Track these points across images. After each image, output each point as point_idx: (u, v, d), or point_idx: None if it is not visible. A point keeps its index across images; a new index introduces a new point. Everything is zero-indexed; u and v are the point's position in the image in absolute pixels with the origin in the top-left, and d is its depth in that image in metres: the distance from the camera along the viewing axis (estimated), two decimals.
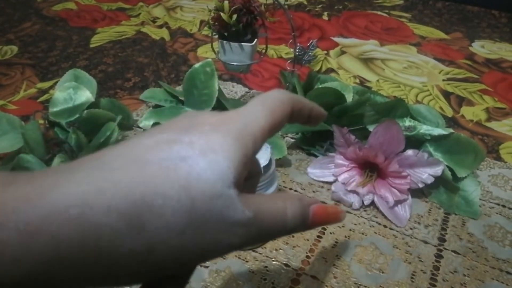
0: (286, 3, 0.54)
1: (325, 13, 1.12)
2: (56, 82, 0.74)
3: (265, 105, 0.20)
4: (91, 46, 0.91)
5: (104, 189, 0.14)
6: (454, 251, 0.46)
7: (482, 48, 0.95)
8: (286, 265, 0.44)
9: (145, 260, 0.15)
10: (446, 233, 0.48)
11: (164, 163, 0.16)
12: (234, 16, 0.51)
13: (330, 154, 0.55)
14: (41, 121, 0.56)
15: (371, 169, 0.51)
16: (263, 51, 0.59)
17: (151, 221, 0.15)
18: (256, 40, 0.55)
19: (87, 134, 0.50)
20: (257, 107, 0.19)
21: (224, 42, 0.54)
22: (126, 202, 0.14)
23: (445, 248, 0.46)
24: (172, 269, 0.16)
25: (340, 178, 0.52)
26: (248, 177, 0.23)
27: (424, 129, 0.53)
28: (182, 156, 0.16)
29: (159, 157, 0.16)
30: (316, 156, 0.58)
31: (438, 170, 0.48)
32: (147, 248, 0.15)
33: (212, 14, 0.54)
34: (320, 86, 0.62)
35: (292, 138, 0.62)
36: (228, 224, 0.16)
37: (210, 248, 0.16)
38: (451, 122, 0.69)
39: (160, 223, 0.15)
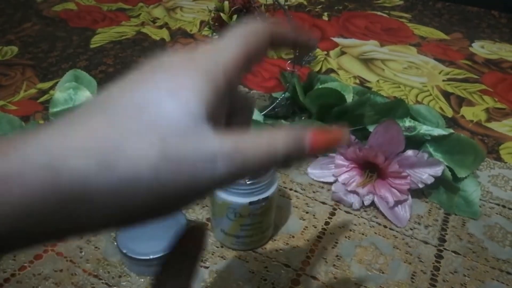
0: (286, 3, 0.54)
1: (325, 14, 1.12)
2: (56, 82, 0.74)
3: (236, 36, 0.19)
4: (91, 46, 0.91)
5: (71, 134, 0.15)
6: (454, 252, 0.46)
7: (482, 48, 0.95)
8: (286, 265, 0.44)
9: (120, 198, 0.15)
10: (446, 234, 0.48)
11: (130, 108, 0.16)
12: (234, 17, 0.51)
13: (330, 154, 0.55)
14: (41, 122, 0.56)
15: (371, 169, 0.51)
16: None
17: (121, 160, 0.15)
18: None
19: None
20: (227, 39, 0.19)
21: None
22: (94, 143, 0.15)
23: (445, 249, 0.46)
24: (155, 209, 0.16)
25: (340, 179, 0.52)
26: (235, 112, 0.22)
27: (424, 129, 0.53)
28: (149, 99, 0.16)
29: (125, 102, 0.16)
30: (316, 157, 0.58)
31: (438, 171, 0.48)
32: (120, 186, 0.15)
33: (212, 15, 0.54)
34: (320, 87, 0.62)
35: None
36: (206, 156, 0.16)
37: (190, 182, 0.16)
38: (451, 122, 0.69)
39: (130, 160, 0.15)
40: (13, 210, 0.14)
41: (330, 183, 0.53)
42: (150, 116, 0.15)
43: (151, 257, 0.40)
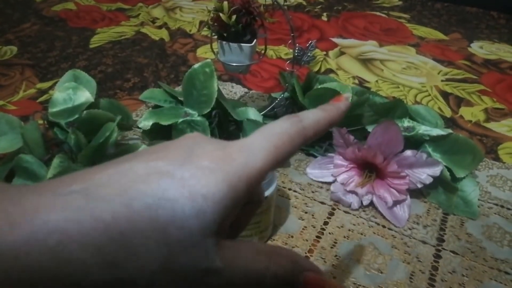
0: (285, 4, 0.54)
1: (324, 14, 1.12)
2: (56, 82, 0.74)
3: (270, 140, 0.18)
4: (91, 46, 0.91)
5: (84, 221, 0.14)
6: (453, 251, 0.46)
7: (481, 48, 0.95)
8: None
9: None
10: (445, 233, 0.48)
11: (148, 201, 0.15)
12: (234, 17, 0.51)
13: (329, 154, 0.55)
14: (41, 122, 0.56)
15: (370, 169, 0.51)
16: (262, 51, 0.59)
17: (125, 260, 0.15)
18: (255, 40, 0.55)
19: (86, 135, 0.51)
20: (260, 142, 0.18)
21: (224, 42, 0.54)
22: (104, 237, 0.14)
23: (443, 248, 0.46)
24: None
25: (339, 179, 0.52)
26: (247, 203, 0.22)
27: (423, 129, 0.53)
28: (167, 197, 0.15)
29: (145, 192, 0.15)
30: (315, 157, 0.58)
31: (436, 171, 0.48)
32: (116, 284, 0.15)
33: (212, 15, 0.54)
34: (319, 87, 0.62)
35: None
36: (198, 273, 0.16)
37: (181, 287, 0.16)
38: (450, 122, 0.69)
39: (133, 263, 0.15)
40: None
41: (329, 183, 0.53)
42: (165, 218, 0.15)
43: None
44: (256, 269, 0.17)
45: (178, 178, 0.16)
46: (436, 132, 0.52)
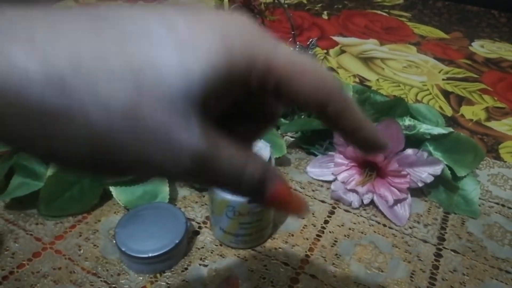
0: (285, 2, 0.54)
1: (325, 12, 1.11)
2: None
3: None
4: None
5: (37, 31, 0.12)
6: (454, 250, 0.46)
7: (482, 47, 0.95)
8: (285, 264, 0.44)
9: (55, 124, 0.12)
10: (446, 232, 0.48)
11: (131, 33, 0.12)
12: None
13: (330, 153, 0.55)
14: None
15: (370, 168, 0.51)
16: None
17: (79, 85, 0.12)
18: None
19: None
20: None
21: None
22: (56, 50, 0.12)
23: (444, 247, 0.46)
24: (83, 157, 0.13)
25: (340, 177, 0.52)
26: (250, 118, 0.18)
27: (424, 128, 0.53)
28: (151, 35, 0.12)
29: (123, 24, 0.13)
30: (315, 155, 0.58)
31: (437, 169, 0.48)
32: (64, 110, 0.12)
33: None
34: None
35: (291, 137, 0.62)
36: (173, 147, 0.13)
37: (141, 158, 0.13)
38: (451, 121, 0.69)
39: (88, 91, 0.12)
40: None
41: (330, 182, 0.53)
42: (142, 57, 0.12)
43: (150, 255, 0.40)
44: (237, 164, 0.15)
45: (169, 19, 0.13)
46: (437, 130, 0.52)
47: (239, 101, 0.16)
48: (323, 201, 0.51)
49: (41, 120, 0.12)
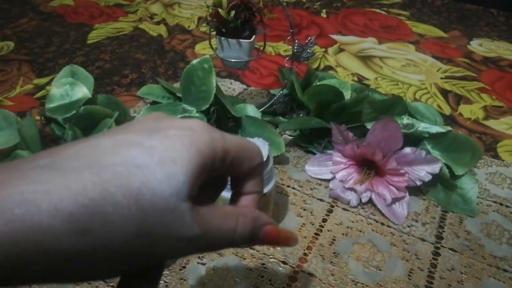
0: (284, 0, 0.54)
1: (324, 11, 1.11)
2: (53, 78, 0.73)
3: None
4: (88, 42, 0.90)
5: (53, 190, 0.14)
6: (451, 249, 0.46)
7: (480, 46, 0.95)
8: (284, 262, 0.43)
9: (89, 260, 0.15)
10: (444, 231, 0.48)
11: (118, 169, 0.15)
12: (232, 13, 0.51)
13: (328, 151, 0.55)
14: (38, 117, 0.55)
15: (369, 166, 0.51)
16: (261, 48, 0.59)
17: (97, 227, 0.15)
18: (254, 36, 0.55)
19: (83, 131, 0.50)
20: (228, 134, 0.20)
21: (222, 38, 0.54)
22: (75, 205, 0.14)
23: (442, 246, 0.46)
24: (122, 270, 0.17)
25: (338, 176, 0.52)
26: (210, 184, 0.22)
27: (422, 126, 0.53)
28: (138, 164, 0.16)
29: (114, 161, 0.16)
30: (314, 154, 0.58)
31: (435, 168, 0.48)
32: (90, 250, 0.15)
33: (210, 11, 0.53)
34: (318, 84, 0.62)
35: (290, 135, 0.62)
36: (175, 238, 0.16)
37: (156, 257, 0.17)
38: (449, 120, 0.69)
39: (106, 229, 0.15)
40: None
41: (328, 180, 0.53)
42: (136, 184, 0.15)
43: None
44: (227, 230, 0.19)
45: (147, 146, 0.16)
46: (436, 129, 0.52)
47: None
48: (321, 200, 0.51)
49: (67, 261, 0.15)
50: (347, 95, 0.59)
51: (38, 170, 0.15)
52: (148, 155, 0.16)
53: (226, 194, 0.24)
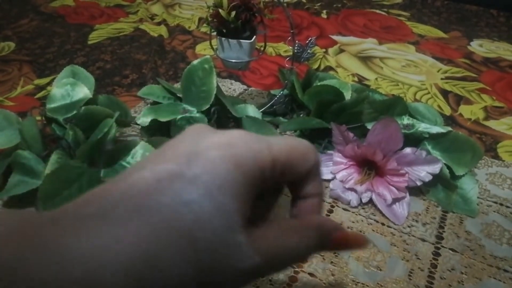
0: (284, 0, 0.54)
1: (324, 11, 1.11)
2: (54, 78, 0.73)
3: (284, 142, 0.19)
4: (89, 42, 0.90)
5: (108, 246, 0.14)
6: (452, 249, 0.46)
7: (481, 47, 0.95)
8: None
9: None
10: (444, 231, 0.48)
11: (166, 210, 0.15)
12: (233, 13, 0.51)
13: (328, 151, 0.55)
14: (38, 118, 0.56)
15: (369, 167, 0.51)
16: (262, 48, 0.59)
17: (155, 276, 0.14)
18: (254, 37, 0.55)
19: (84, 131, 0.50)
20: (274, 138, 0.19)
21: (223, 39, 0.54)
22: (131, 259, 0.14)
23: (442, 246, 0.46)
24: None
25: (338, 176, 0.52)
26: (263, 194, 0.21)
27: (423, 127, 0.53)
28: (185, 201, 0.15)
29: (160, 202, 0.15)
30: None
31: (436, 168, 0.48)
32: None
33: (211, 11, 0.53)
34: (318, 84, 0.62)
35: (290, 135, 0.62)
36: (236, 271, 0.16)
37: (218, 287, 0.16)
38: (449, 120, 0.69)
39: (163, 277, 0.14)
40: None
41: (328, 181, 0.53)
42: (186, 224, 0.15)
43: None
44: (290, 249, 0.18)
45: (189, 177, 0.15)
46: (436, 129, 0.52)
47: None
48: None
49: None
50: (348, 95, 0.59)
51: (89, 222, 0.15)
52: (194, 188, 0.15)
53: None
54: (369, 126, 0.52)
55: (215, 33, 0.55)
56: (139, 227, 0.15)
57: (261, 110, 0.61)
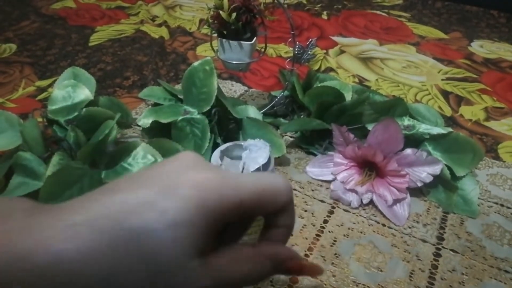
0: (285, 2, 0.54)
1: (324, 12, 1.12)
2: (55, 80, 0.73)
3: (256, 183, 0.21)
4: (90, 44, 0.91)
5: (87, 252, 0.17)
6: (453, 250, 0.46)
7: (481, 47, 0.95)
8: None
9: None
10: (445, 232, 0.48)
11: (134, 234, 0.18)
12: (234, 15, 0.51)
13: (329, 153, 0.55)
14: (40, 119, 0.56)
15: (370, 168, 0.51)
16: (262, 49, 0.59)
17: (116, 283, 0.17)
18: (255, 38, 0.55)
19: (85, 132, 0.50)
20: (247, 179, 0.21)
21: (223, 40, 0.54)
22: (98, 266, 0.17)
23: (443, 247, 0.46)
24: None
25: (339, 177, 0.52)
26: (229, 228, 0.23)
27: (423, 128, 0.53)
28: (152, 228, 0.18)
29: (134, 225, 0.18)
30: (315, 155, 0.58)
31: (436, 169, 0.48)
32: None
33: (211, 13, 0.54)
34: (319, 85, 0.62)
35: (291, 137, 0.62)
36: None
37: None
38: (450, 121, 0.69)
39: (122, 285, 0.17)
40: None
41: (329, 182, 0.53)
42: (147, 246, 0.18)
43: None
44: (242, 274, 0.20)
45: (160, 210, 0.18)
46: (436, 130, 0.52)
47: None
48: (322, 201, 0.51)
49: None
50: (348, 96, 0.59)
51: (76, 228, 0.18)
52: (159, 219, 0.18)
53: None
54: (370, 127, 0.52)
55: (215, 35, 0.55)
56: (113, 241, 0.17)
57: (261, 111, 0.61)
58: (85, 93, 0.54)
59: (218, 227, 0.20)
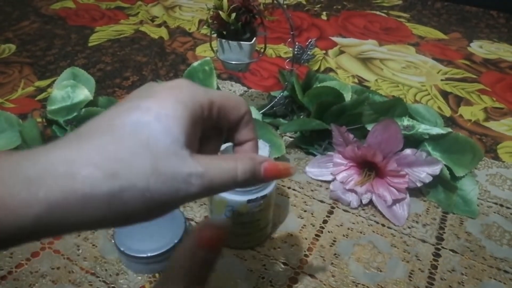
0: (285, 2, 0.54)
1: (324, 13, 1.12)
2: (54, 80, 0.73)
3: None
4: (90, 45, 0.91)
5: (86, 150, 0.19)
6: (452, 250, 0.46)
7: (481, 48, 0.95)
8: (284, 263, 0.44)
9: (118, 199, 0.18)
10: (444, 232, 0.48)
11: (129, 128, 0.20)
12: (233, 15, 0.51)
13: (329, 153, 0.55)
14: (39, 119, 0.56)
15: (369, 168, 0.51)
16: (262, 50, 0.59)
17: (123, 170, 0.19)
18: (255, 39, 0.55)
19: None
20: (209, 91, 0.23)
21: (223, 40, 0.54)
22: (102, 157, 0.19)
23: (443, 247, 0.46)
24: (141, 212, 0.19)
25: (339, 177, 0.52)
26: (207, 139, 0.26)
27: (423, 128, 0.53)
28: (142, 122, 0.20)
29: (125, 122, 0.20)
30: (314, 155, 0.58)
31: (436, 169, 0.48)
32: (120, 189, 0.18)
33: (211, 13, 0.54)
34: (318, 85, 0.62)
35: (290, 137, 0.62)
36: (184, 176, 0.20)
37: (171, 195, 0.20)
38: (449, 121, 0.69)
39: (129, 171, 0.19)
40: (39, 206, 0.17)
41: (328, 182, 0.53)
42: (143, 137, 0.19)
43: (149, 254, 0.40)
44: (228, 168, 0.21)
45: (144, 108, 0.20)
46: (436, 130, 0.52)
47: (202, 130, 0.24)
48: (322, 201, 0.51)
49: (103, 204, 0.18)
50: (348, 97, 0.59)
51: (73, 141, 0.19)
52: (147, 114, 0.20)
53: (225, 196, 0.25)
54: (369, 127, 0.52)
55: (215, 35, 0.55)
56: (110, 138, 0.19)
57: (261, 112, 0.61)
58: (84, 93, 0.54)
59: (198, 125, 0.22)
